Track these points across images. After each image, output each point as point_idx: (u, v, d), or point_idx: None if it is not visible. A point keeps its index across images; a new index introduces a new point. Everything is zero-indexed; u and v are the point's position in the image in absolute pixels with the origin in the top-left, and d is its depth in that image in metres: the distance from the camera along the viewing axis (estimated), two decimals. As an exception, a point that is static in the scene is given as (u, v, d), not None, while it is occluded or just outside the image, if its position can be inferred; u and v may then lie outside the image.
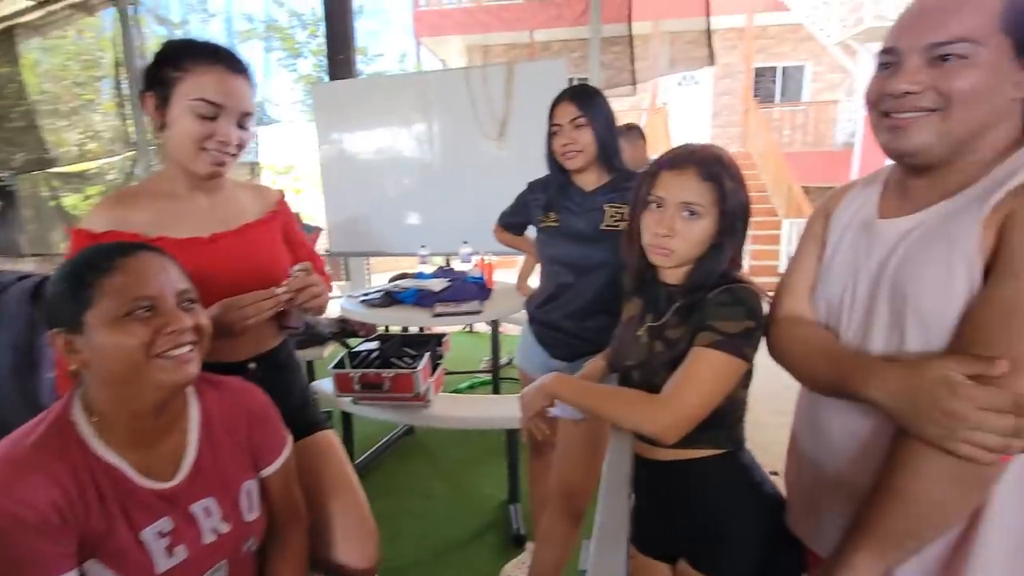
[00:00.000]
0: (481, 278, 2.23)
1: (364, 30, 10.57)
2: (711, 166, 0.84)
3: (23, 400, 1.08)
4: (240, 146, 0.96)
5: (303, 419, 1.08)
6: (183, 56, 0.90)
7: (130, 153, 5.68)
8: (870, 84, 0.68)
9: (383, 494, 2.15)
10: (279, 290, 0.93)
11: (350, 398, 1.92)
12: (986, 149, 0.62)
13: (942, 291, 0.60)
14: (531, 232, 1.56)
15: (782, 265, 6.33)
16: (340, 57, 4.00)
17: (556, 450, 1.37)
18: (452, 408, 1.95)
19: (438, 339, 2.14)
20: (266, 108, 6.75)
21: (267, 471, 0.86)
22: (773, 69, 9.58)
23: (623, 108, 8.56)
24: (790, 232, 6.34)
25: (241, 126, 0.95)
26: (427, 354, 1.91)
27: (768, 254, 6.62)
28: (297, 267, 0.98)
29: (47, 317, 0.70)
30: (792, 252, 0.92)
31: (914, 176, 0.68)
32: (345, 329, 2.90)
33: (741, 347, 0.78)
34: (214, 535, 0.76)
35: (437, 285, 2.17)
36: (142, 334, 0.67)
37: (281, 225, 1.11)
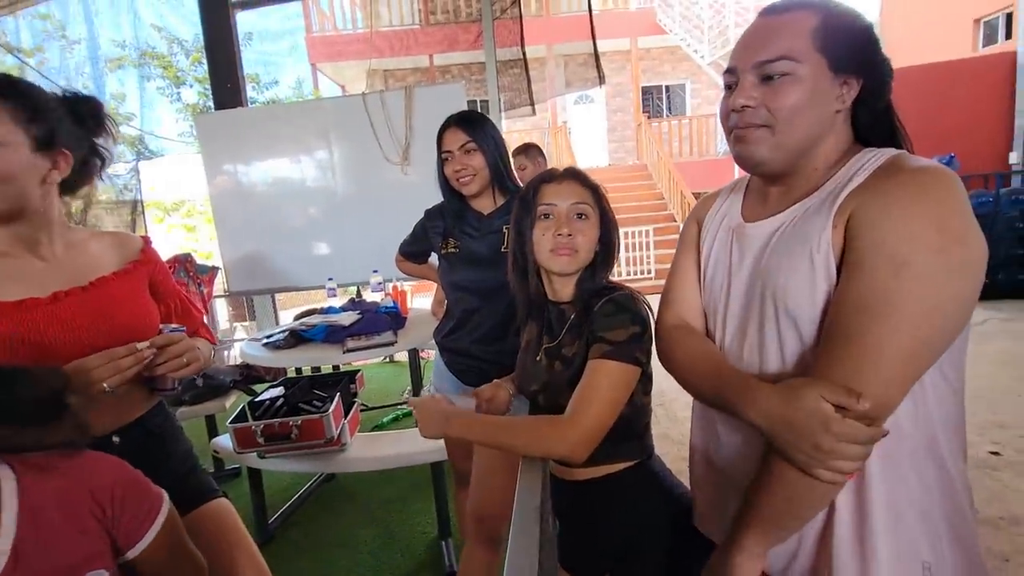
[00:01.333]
0: (395, 307, 2.16)
1: (256, 58, 10.07)
2: (585, 177, 0.93)
3: None
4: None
5: (188, 490, 0.96)
6: None
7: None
8: (721, 103, 0.74)
9: (306, 550, 1.99)
10: (141, 345, 0.83)
11: (255, 452, 1.76)
12: (821, 158, 0.69)
13: (807, 291, 0.65)
14: (435, 259, 1.53)
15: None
16: (227, 86, 3.77)
17: (472, 474, 1.34)
18: (371, 448, 1.85)
19: (351, 376, 2.03)
20: (146, 141, 6.20)
21: (135, 551, 0.74)
22: (659, 87, 10.37)
23: (526, 128, 8.83)
24: (688, 236, 6.82)
25: None
26: (338, 394, 1.80)
27: (669, 257, 7.04)
28: (168, 328, 0.87)
29: None
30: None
31: (769, 183, 0.74)
32: (249, 375, 2.69)
33: (632, 352, 0.81)
34: None
35: (347, 319, 2.07)
36: None
37: (146, 275, 1.00)
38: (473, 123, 1.31)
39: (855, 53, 0.66)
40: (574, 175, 0.92)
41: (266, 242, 3.61)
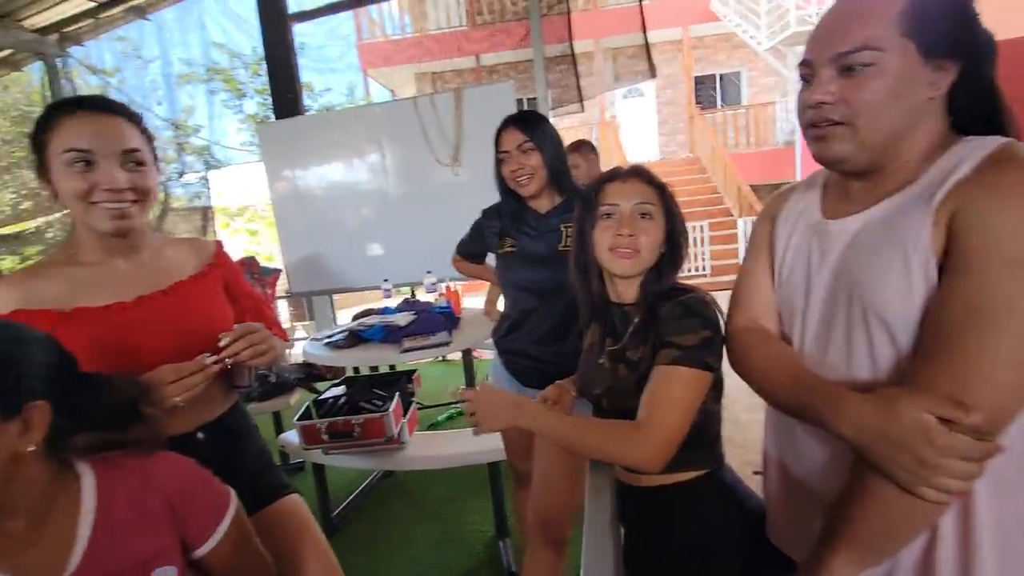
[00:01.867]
0: (448, 307, 2.18)
1: (310, 67, 10.49)
2: (651, 175, 0.90)
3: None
4: (138, 190, 0.88)
5: (263, 486, 1.01)
6: (46, 117, 0.85)
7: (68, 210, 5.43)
8: (798, 97, 0.69)
9: (366, 546, 2.04)
10: (210, 359, 0.87)
11: (320, 449, 1.83)
12: (912, 149, 0.63)
13: (901, 293, 0.60)
14: (491, 259, 1.53)
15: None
16: (288, 96, 3.94)
17: (533, 476, 1.33)
18: (430, 447, 1.88)
19: (408, 376, 2.07)
20: (215, 151, 6.58)
21: (203, 549, 0.78)
22: (712, 77, 10.01)
23: (574, 124, 8.74)
24: (745, 229, 6.56)
25: (130, 168, 0.87)
26: (397, 394, 1.84)
27: (727, 253, 6.81)
28: (238, 327, 0.91)
29: None
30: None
31: (851, 178, 0.69)
32: (311, 373, 2.79)
33: (703, 358, 0.77)
34: None
35: (403, 319, 2.11)
36: None
37: (221, 278, 1.04)
38: (531, 123, 1.31)
39: (949, 33, 0.60)
40: (639, 173, 0.90)
41: (324, 244, 3.75)
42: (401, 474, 2.57)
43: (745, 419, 2.73)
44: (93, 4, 4.30)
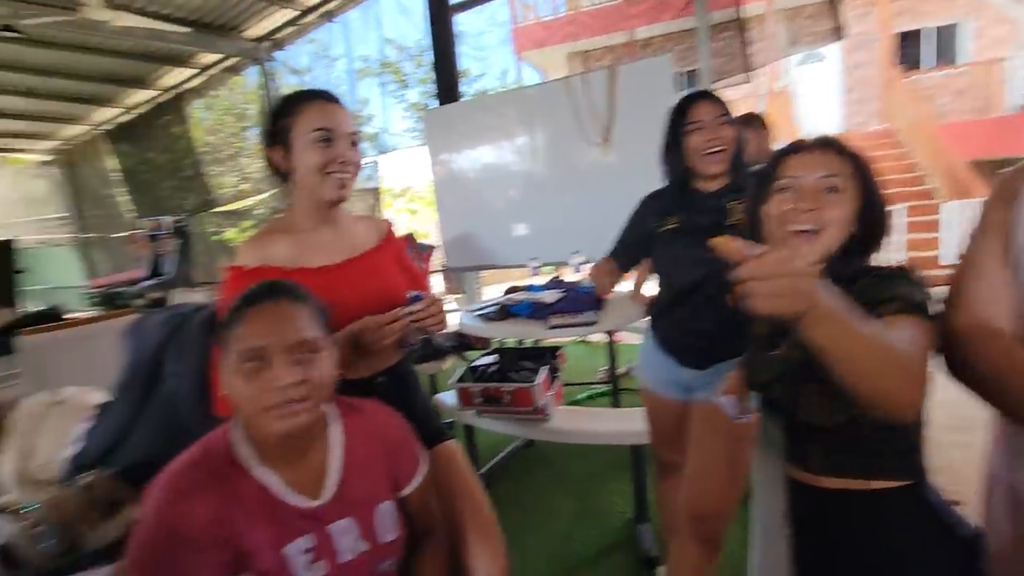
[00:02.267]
0: (593, 288, 2.18)
1: (468, 54, 11.05)
2: (842, 145, 0.79)
3: (205, 419, 1.22)
4: (356, 165, 1.04)
5: (427, 430, 1.12)
6: (289, 104, 1.02)
7: (275, 191, 6.48)
8: None
9: (507, 508, 2.15)
10: (404, 310, 0.99)
11: (472, 411, 1.97)
12: None
13: None
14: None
15: (944, 255, 5.41)
16: (449, 83, 4.20)
17: (687, 467, 1.27)
18: (573, 421, 1.91)
19: (553, 351, 2.12)
20: (383, 138, 7.31)
21: (405, 491, 0.90)
22: (916, 32, 8.37)
23: (736, 96, 7.99)
24: (953, 216, 5.40)
25: (352, 147, 1.03)
26: (546, 367, 1.89)
27: (926, 243, 5.64)
28: (411, 294, 1.03)
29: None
30: (961, 243, 0.76)
31: None
32: (463, 343, 3.00)
33: (930, 315, 0.66)
34: (351, 554, 0.79)
35: (550, 297, 2.16)
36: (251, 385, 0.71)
37: (393, 251, 1.18)
38: (721, 99, 1.27)
39: None
40: (828, 144, 0.79)
41: (476, 223, 3.96)
42: (541, 445, 2.66)
43: (941, 440, 2.33)
44: (296, 13, 4.99)
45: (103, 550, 0.89)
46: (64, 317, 2.97)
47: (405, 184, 12.05)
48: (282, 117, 1.01)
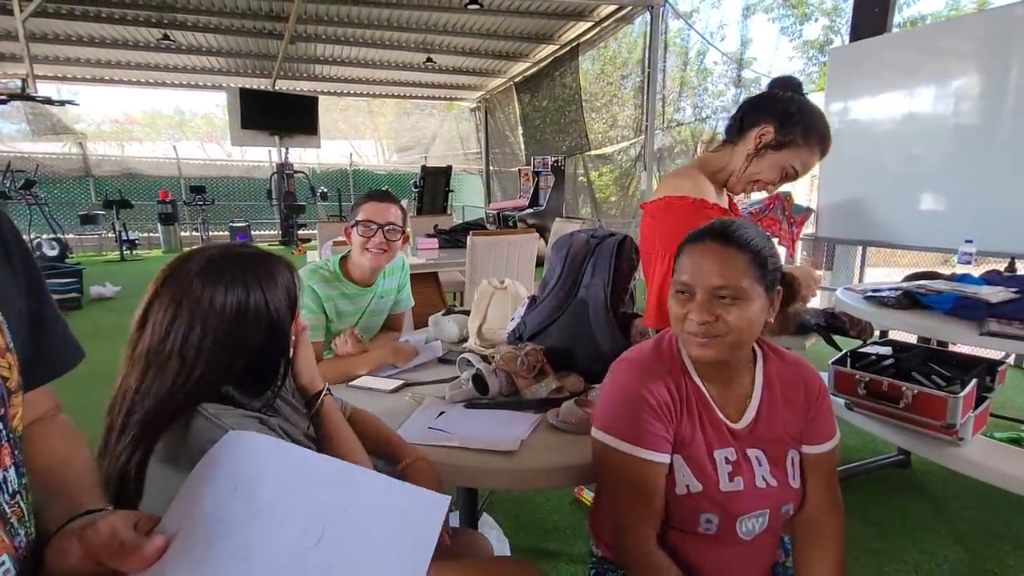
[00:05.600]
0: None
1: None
2: None
3: (606, 326, 1.40)
4: None
5: None
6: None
7: (638, 139, 6.76)
8: None
9: (863, 528, 1.84)
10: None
11: (844, 400, 1.70)
12: None
13: None
14: None
15: None
16: (873, 10, 3.45)
17: None
18: (1000, 459, 1.44)
19: (991, 365, 1.62)
20: (761, 83, 6.63)
21: (809, 449, 0.86)
22: None
23: None
24: None
25: None
26: (975, 380, 1.46)
27: None
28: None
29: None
30: None
31: None
32: (832, 324, 2.62)
33: None
34: (763, 483, 0.82)
35: (995, 295, 1.63)
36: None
37: None
38: None
39: None
40: None
41: (865, 189, 3.28)
42: (922, 469, 2.15)
43: None
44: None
45: (535, 401, 1.13)
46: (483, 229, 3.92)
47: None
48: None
